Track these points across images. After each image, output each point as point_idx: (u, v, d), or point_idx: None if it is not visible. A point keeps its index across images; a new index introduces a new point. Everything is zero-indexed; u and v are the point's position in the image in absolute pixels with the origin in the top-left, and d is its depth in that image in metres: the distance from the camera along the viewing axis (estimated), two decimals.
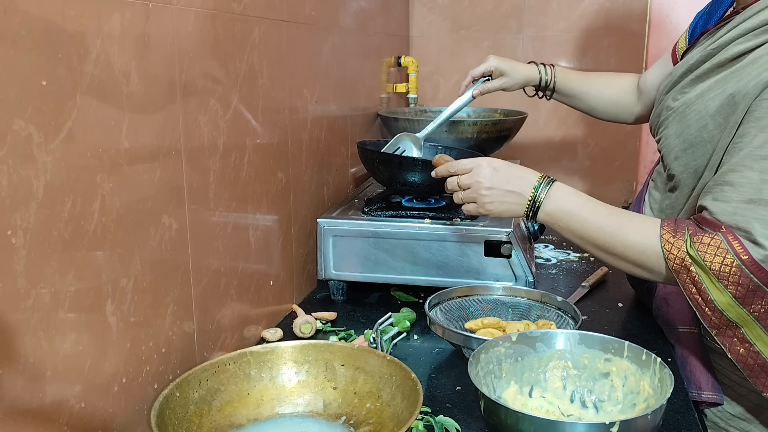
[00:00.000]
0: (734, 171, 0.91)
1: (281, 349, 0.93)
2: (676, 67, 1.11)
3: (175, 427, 0.79)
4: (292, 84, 1.24)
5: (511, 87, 1.42)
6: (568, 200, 0.99)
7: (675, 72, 1.10)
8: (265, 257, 1.18)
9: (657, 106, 1.14)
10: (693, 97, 1.02)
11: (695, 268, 0.89)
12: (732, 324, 0.90)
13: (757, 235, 0.85)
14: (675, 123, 1.04)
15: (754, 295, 0.86)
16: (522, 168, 1.03)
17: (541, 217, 1.00)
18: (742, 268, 0.85)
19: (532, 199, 0.99)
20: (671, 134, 1.05)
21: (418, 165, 1.31)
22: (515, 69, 1.40)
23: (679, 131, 1.03)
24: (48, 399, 0.66)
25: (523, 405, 0.92)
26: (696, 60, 1.03)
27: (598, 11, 2.08)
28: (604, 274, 1.45)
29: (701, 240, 0.89)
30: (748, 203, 0.87)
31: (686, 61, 1.07)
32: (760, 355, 0.90)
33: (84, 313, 0.70)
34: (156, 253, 0.84)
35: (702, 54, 1.02)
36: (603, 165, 2.16)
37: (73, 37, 0.67)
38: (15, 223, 0.61)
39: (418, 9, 2.23)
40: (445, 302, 1.17)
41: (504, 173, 1.01)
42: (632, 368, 0.90)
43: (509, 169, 1.02)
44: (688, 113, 1.01)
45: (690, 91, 1.03)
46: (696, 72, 1.03)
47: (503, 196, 1.01)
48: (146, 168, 0.81)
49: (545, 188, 0.99)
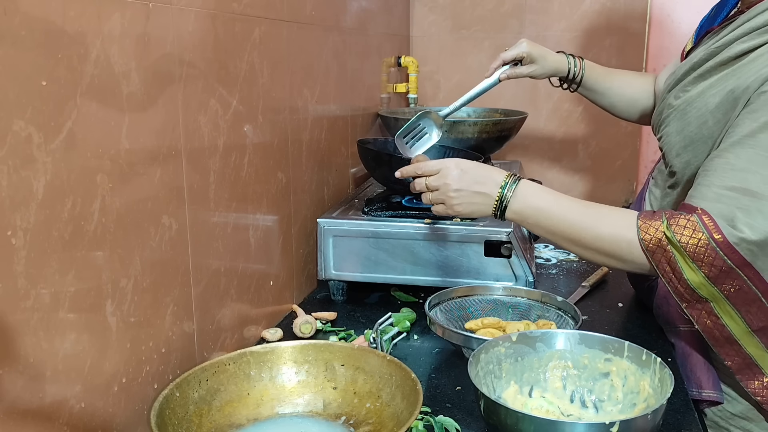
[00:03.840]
0: (719, 157, 0.92)
1: (281, 349, 0.93)
2: (680, 66, 1.12)
3: (175, 427, 0.79)
4: (292, 84, 1.24)
5: (540, 75, 1.39)
6: (536, 197, 1.00)
7: (678, 71, 1.11)
8: (265, 257, 1.18)
9: (659, 105, 1.15)
10: (694, 95, 1.03)
11: (671, 248, 0.90)
12: (702, 299, 0.92)
13: (740, 222, 0.87)
14: (676, 120, 1.05)
15: (726, 276, 0.88)
16: (490, 168, 1.03)
17: (509, 216, 1.01)
18: (716, 249, 0.87)
19: (499, 199, 1.00)
20: (672, 131, 1.06)
21: (406, 164, 1.30)
22: (546, 57, 1.38)
23: (680, 128, 1.04)
24: (48, 399, 0.66)
25: (523, 405, 0.92)
26: (699, 58, 1.04)
27: (599, 11, 2.08)
28: (604, 274, 1.45)
29: (677, 222, 0.90)
30: (730, 190, 0.89)
31: (689, 60, 1.08)
32: (726, 328, 0.93)
33: (84, 313, 0.70)
34: (156, 253, 0.84)
35: (705, 53, 1.03)
36: (603, 165, 2.16)
37: (73, 37, 0.67)
38: (15, 224, 0.61)
39: (418, 9, 2.23)
40: (445, 302, 1.17)
41: (471, 174, 1.01)
42: (632, 368, 0.90)
43: (477, 170, 1.02)
44: (689, 111, 1.02)
45: (692, 89, 1.04)
46: (699, 70, 1.04)
47: (471, 197, 1.01)
48: (146, 168, 0.81)
49: (512, 186, 0.99)
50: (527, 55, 1.36)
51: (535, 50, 1.37)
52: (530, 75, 1.39)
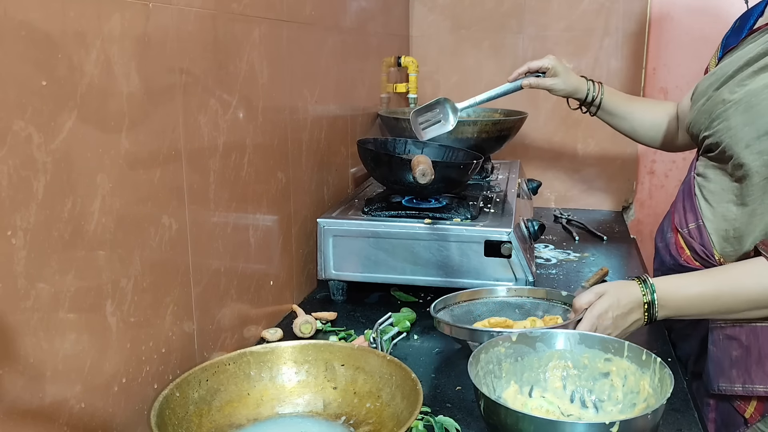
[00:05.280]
0: None
1: (281, 349, 0.93)
2: (724, 65, 1.13)
3: (175, 427, 0.79)
4: (292, 84, 1.24)
5: (559, 91, 1.43)
6: (673, 301, 1.03)
7: (724, 69, 1.11)
8: (265, 257, 1.18)
9: (704, 103, 1.14)
10: (760, 87, 1.03)
11: None
12: None
13: None
14: (739, 114, 1.05)
15: None
16: (630, 299, 1.04)
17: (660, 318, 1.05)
18: None
19: (648, 319, 1.04)
20: (736, 124, 1.05)
21: (406, 164, 1.31)
22: (568, 75, 1.42)
23: (749, 120, 1.03)
24: (48, 399, 0.66)
25: (523, 405, 0.92)
26: (756, 53, 1.05)
27: (598, 11, 2.08)
28: (604, 274, 1.45)
29: None
30: None
31: (740, 57, 1.09)
32: None
33: (84, 313, 0.70)
34: (156, 253, 0.84)
35: (762, 47, 1.05)
36: (603, 165, 2.16)
37: (73, 37, 0.67)
38: (15, 223, 0.61)
39: (418, 9, 2.23)
40: (450, 306, 1.17)
41: (620, 321, 1.04)
42: (632, 368, 0.90)
43: (620, 309, 1.04)
44: (757, 102, 1.03)
45: (750, 83, 1.05)
46: (757, 64, 1.05)
47: (626, 331, 1.05)
48: (146, 168, 0.81)
49: (653, 306, 1.03)
50: (552, 67, 1.40)
51: (560, 66, 1.41)
52: (551, 88, 1.42)
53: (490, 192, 1.57)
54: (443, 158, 1.56)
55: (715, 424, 1.12)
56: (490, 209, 1.40)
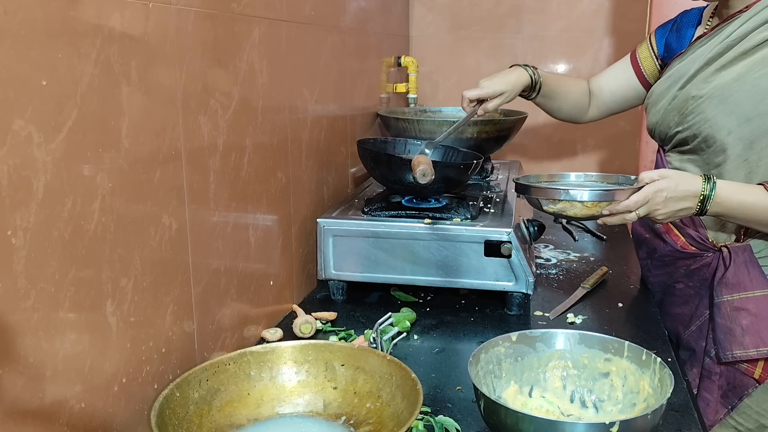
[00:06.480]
0: None
1: (281, 349, 0.93)
2: (680, 67, 1.22)
3: (175, 427, 0.79)
4: (291, 84, 1.24)
5: (511, 95, 1.35)
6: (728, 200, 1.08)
7: (681, 71, 1.21)
8: (265, 257, 1.18)
9: (670, 102, 1.22)
10: (729, 81, 1.13)
11: None
12: None
13: None
14: (714, 106, 1.14)
15: None
16: (689, 182, 1.08)
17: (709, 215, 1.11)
18: None
19: (700, 209, 1.08)
20: (714, 115, 1.14)
21: (406, 164, 1.31)
22: (508, 82, 1.34)
23: (728, 111, 1.13)
24: (48, 399, 0.66)
25: (523, 405, 0.92)
26: (715, 53, 1.15)
27: (597, 11, 2.08)
28: (604, 274, 1.45)
29: None
30: None
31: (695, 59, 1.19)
32: None
33: (84, 313, 0.70)
34: (156, 253, 0.84)
35: (717, 49, 1.15)
36: (603, 165, 2.16)
37: (74, 37, 0.67)
38: (15, 223, 0.61)
39: (417, 9, 2.23)
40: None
41: (674, 198, 1.08)
42: (632, 368, 0.90)
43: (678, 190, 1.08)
44: (730, 94, 1.12)
45: (715, 78, 1.15)
46: (719, 62, 1.15)
47: (675, 213, 1.09)
48: (146, 168, 0.81)
49: (710, 195, 1.07)
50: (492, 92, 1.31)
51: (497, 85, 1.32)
52: (503, 102, 1.34)
53: (490, 192, 1.57)
54: (443, 158, 1.56)
55: (722, 390, 1.18)
56: (490, 209, 1.40)
